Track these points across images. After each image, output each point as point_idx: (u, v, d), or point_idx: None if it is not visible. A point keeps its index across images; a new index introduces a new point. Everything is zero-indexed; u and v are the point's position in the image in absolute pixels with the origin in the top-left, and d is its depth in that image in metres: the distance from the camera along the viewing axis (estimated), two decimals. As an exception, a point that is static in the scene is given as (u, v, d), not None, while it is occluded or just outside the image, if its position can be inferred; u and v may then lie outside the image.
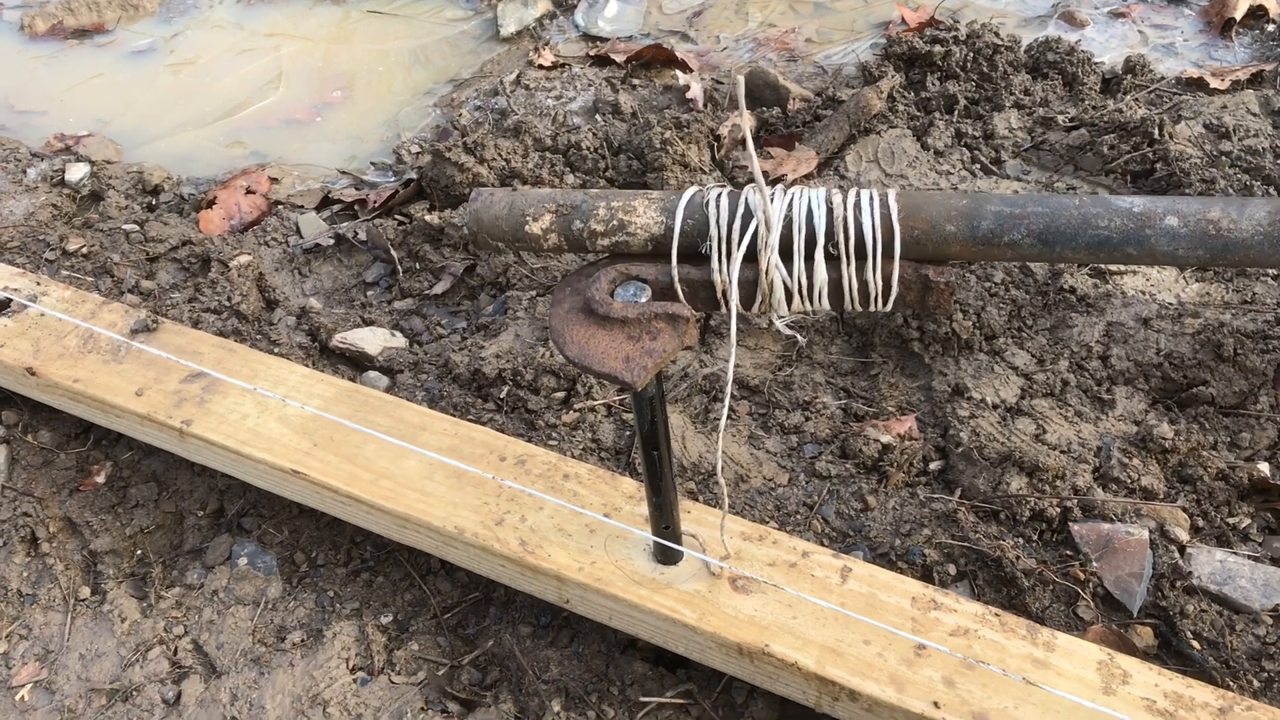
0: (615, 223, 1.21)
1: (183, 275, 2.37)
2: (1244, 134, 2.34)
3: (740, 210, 1.17)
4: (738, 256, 1.16)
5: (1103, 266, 2.14)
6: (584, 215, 1.21)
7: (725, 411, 1.23)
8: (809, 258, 1.15)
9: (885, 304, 1.17)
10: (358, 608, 1.73)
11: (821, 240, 1.14)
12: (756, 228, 1.14)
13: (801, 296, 1.18)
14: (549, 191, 1.25)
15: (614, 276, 1.21)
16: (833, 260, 1.16)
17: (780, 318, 1.22)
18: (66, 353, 1.91)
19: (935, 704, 1.33)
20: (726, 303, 1.19)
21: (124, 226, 2.48)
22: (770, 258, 1.15)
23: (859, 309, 1.19)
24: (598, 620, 1.55)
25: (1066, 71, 2.69)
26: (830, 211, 1.15)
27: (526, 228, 1.23)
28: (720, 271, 1.17)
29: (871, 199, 1.14)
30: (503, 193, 1.25)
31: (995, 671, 1.36)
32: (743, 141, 0.99)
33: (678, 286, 1.19)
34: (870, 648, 1.39)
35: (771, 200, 1.15)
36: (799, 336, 1.22)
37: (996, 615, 1.43)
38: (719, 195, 1.19)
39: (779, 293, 1.18)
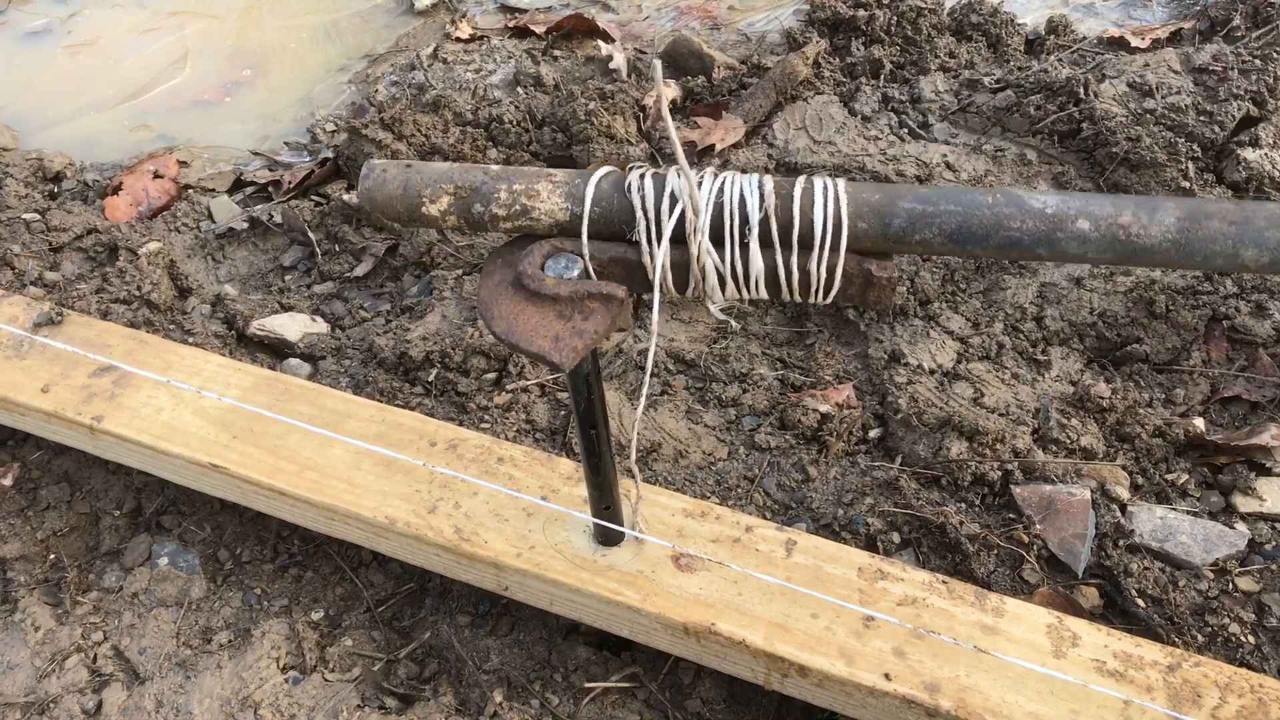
0: (518, 207, 1.14)
1: (89, 265, 2.26)
2: (1166, 91, 2.34)
3: (667, 192, 1.11)
4: (665, 241, 1.11)
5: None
6: (484, 199, 1.14)
7: (644, 394, 1.17)
8: (743, 244, 1.10)
9: (826, 296, 1.12)
10: (287, 604, 1.66)
11: (756, 227, 1.09)
12: (683, 211, 1.09)
13: (737, 284, 1.13)
14: (446, 168, 1.16)
15: (548, 250, 1.14)
16: (769, 248, 1.10)
17: (714, 303, 1.17)
18: (-36, 350, 1.80)
19: (886, 676, 1.30)
20: (660, 287, 1.14)
21: (24, 216, 2.36)
22: (701, 242, 1.10)
23: (797, 299, 1.15)
24: (538, 606, 1.50)
25: (990, 33, 2.68)
26: (766, 197, 1.10)
27: (423, 209, 1.15)
28: (649, 255, 1.12)
29: (825, 188, 1.10)
30: (397, 169, 1.16)
31: (945, 640, 1.33)
32: (662, 117, 0.93)
33: (589, 265, 1.13)
34: (818, 621, 1.36)
35: (700, 184, 1.09)
36: (732, 322, 1.18)
37: (944, 582, 1.41)
38: (642, 177, 1.12)
39: (711, 279, 1.12)
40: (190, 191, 2.51)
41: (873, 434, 1.82)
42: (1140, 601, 1.52)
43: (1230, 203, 1.04)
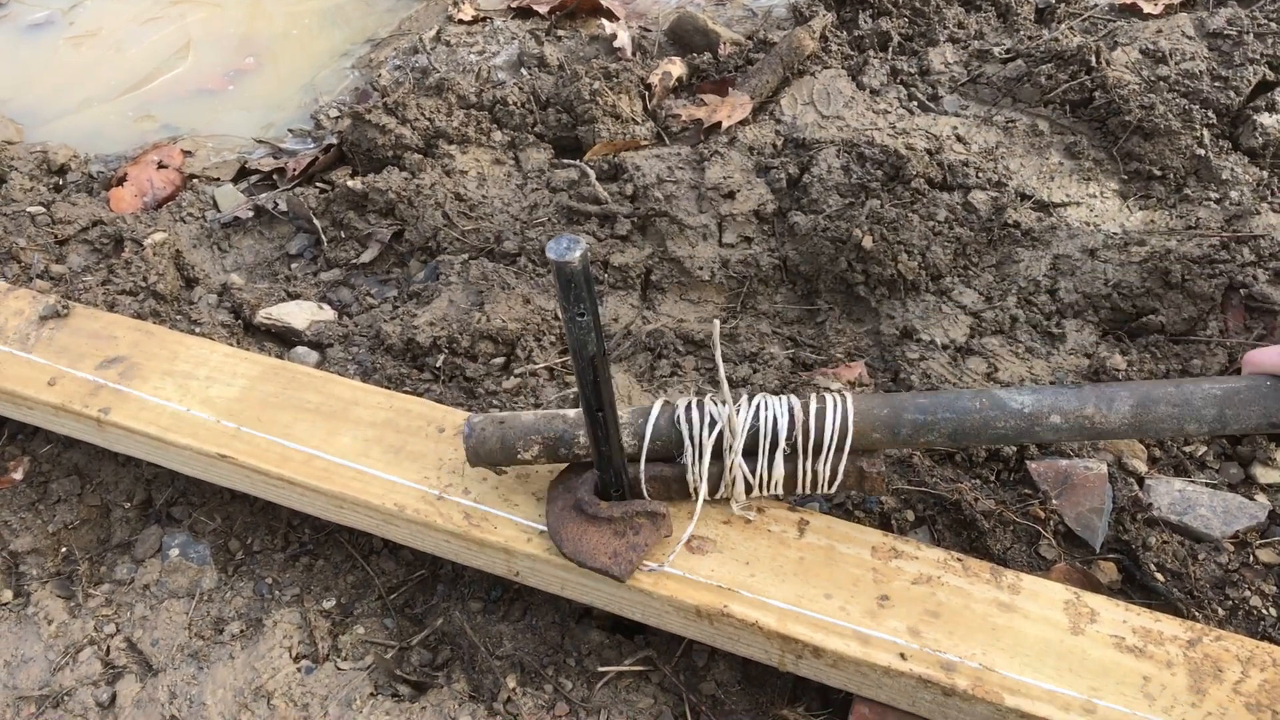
0: None
1: (95, 257, 2.25)
2: (1180, 58, 2.30)
3: (707, 420, 1.33)
4: (706, 460, 1.35)
5: (1045, 198, 2.11)
6: (567, 444, 1.38)
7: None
8: (770, 456, 1.33)
9: (830, 488, 1.35)
10: (298, 594, 1.65)
11: (783, 442, 1.31)
12: (721, 433, 1.32)
13: (760, 487, 1.36)
14: (531, 420, 1.40)
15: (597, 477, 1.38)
16: (789, 456, 1.33)
17: (738, 503, 1.40)
18: (-30, 344, 1.79)
19: (902, 655, 1.29)
20: (696, 494, 1.38)
21: (29, 209, 2.35)
22: (735, 459, 1.32)
23: (806, 493, 1.37)
24: (550, 591, 1.49)
25: (999, 2, 2.64)
26: (796, 417, 1.31)
27: (519, 455, 1.40)
28: (692, 472, 1.35)
29: (835, 405, 1.30)
30: (492, 426, 1.41)
31: (962, 618, 1.32)
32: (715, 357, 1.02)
33: (644, 487, 1.38)
34: (832, 602, 1.35)
35: (738, 411, 1.32)
36: (750, 516, 1.41)
37: (959, 560, 1.39)
38: (689, 407, 1.34)
39: (740, 486, 1.36)
40: (195, 181, 2.50)
41: (885, 411, 1.80)
42: (1159, 576, 1.50)
43: (1172, 385, 1.24)
